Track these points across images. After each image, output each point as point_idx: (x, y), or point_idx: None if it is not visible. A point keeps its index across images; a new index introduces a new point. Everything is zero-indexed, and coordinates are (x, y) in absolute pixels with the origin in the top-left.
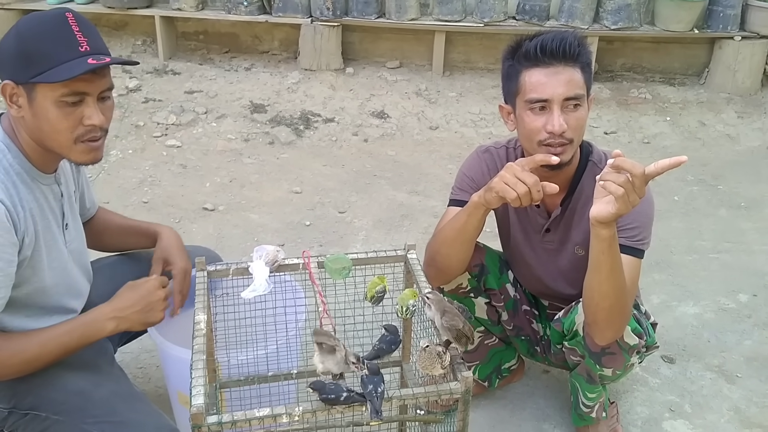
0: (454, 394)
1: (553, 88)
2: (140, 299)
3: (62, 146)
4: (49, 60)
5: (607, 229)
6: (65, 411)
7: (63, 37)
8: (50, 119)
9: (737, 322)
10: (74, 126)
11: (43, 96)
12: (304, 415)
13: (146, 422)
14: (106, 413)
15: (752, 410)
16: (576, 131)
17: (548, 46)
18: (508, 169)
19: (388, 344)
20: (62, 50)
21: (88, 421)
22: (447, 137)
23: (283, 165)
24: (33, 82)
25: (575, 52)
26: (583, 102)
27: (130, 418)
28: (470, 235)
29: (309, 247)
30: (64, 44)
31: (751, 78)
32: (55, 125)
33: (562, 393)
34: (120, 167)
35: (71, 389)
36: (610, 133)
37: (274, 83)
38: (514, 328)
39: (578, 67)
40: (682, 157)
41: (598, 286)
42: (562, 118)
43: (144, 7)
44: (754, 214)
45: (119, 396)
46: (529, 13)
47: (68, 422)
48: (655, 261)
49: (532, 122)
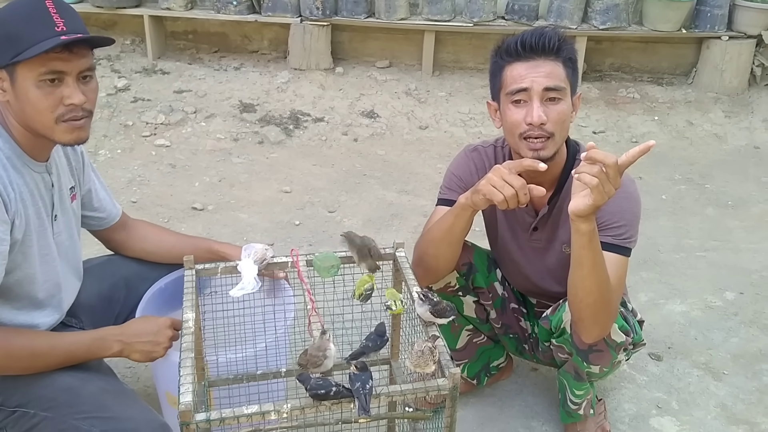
0: (442, 390)
1: (532, 78)
2: (149, 333)
3: (45, 126)
4: (25, 41)
5: (586, 223)
6: (54, 407)
7: (39, 18)
8: (31, 99)
9: (724, 320)
10: (54, 105)
11: (23, 77)
12: (293, 412)
13: (136, 417)
14: (95, 408)
15: (738, 407)
16: (557, 125)
17: (528, 40)
18: (496, 171)
19: (375, 342)
20: (39, 30)
21: (78, 417)
22: (436, 137)
23: (272, 164)
24: (12, 63)
25: (555, 46)
26: (564, 96)
27: (119, 412)
28: (457, 236)
29: (298, 247)
30: (41, 24)
31: (738, 78)
32: (36, 105)
33: (551, 390)
34: (108, 167)
35: (59, 386)
36: (598, 132)
37: (263, 83)
38: (502, 326)
39: (560, 62)
40: (650, 141)
41: (581, 282)
42: (541, 110)
43: (133, 6)
44: (741, 213)
45: (108, 392)
46: (518, 12)
47: (57, 418)
48: (643, 259)
49: (513, 115)
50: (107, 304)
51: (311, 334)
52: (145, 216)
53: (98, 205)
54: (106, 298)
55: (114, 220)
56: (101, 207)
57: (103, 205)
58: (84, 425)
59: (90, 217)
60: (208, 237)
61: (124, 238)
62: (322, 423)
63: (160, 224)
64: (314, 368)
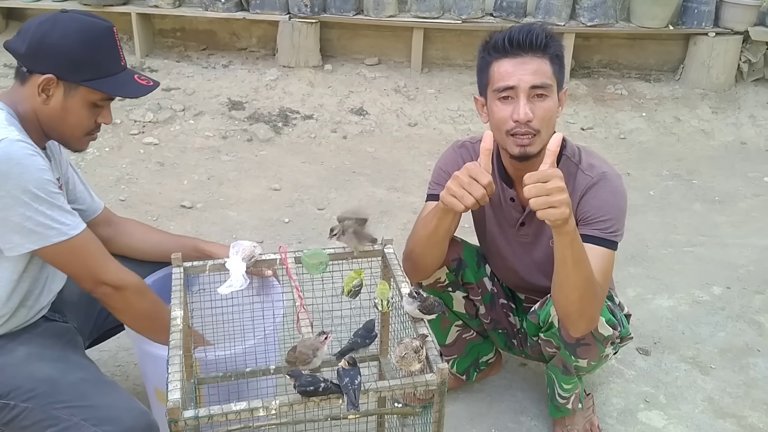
0: (430, 386)
1: (519, 76)
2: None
3: (74, 137)
4: (99, 69)
5: (566, 225)
6: (34, 398)
7: (111, 51)
8: (79, 115)
9: (711, 314)
10: (92, 123)
11: (83, 97)
12: (281, 409)
13: (116, 405)
14: (75, 398)
15: (726, 400)
16: (543, 122)
17: (515, 37)
18: (455, 179)
19: (363, 338)
20: (111, 63)
21: (57, 407)
22: (425, 134)
23: (261, 162)
24: (85, 85)
25: (542, 42)
26: (551, 93)
27: (99, 401)
28: (441, 237)
29: (288, 244)
30: (112, 57)
31: (725, 74)
32: (80, 121)
33: (539, 385)
34: (96, 165)
35: (39, 377)
36: (587, 129)
37: (252, 80)
38: (491, 321)
39: (546, 59)
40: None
41: (566, 280)
42: (528, 107)
43: (120, 4)
44: (728, 208)
45: (88, 382)
46: (506, 9)
47: (37, 409)
48: (631, 255)
49: (499, 111)
50: (90, 301)
51: (300, 331)
52: (133, 214)
53: (75, 197)
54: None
55: (95, 213)
56: (80, 199)
57: (81, 197)
58: (64, 414)
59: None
60: (198, 235)
61: (110, 234)
62: (311, 419)
63: (148, 223)
64: (303, 366)
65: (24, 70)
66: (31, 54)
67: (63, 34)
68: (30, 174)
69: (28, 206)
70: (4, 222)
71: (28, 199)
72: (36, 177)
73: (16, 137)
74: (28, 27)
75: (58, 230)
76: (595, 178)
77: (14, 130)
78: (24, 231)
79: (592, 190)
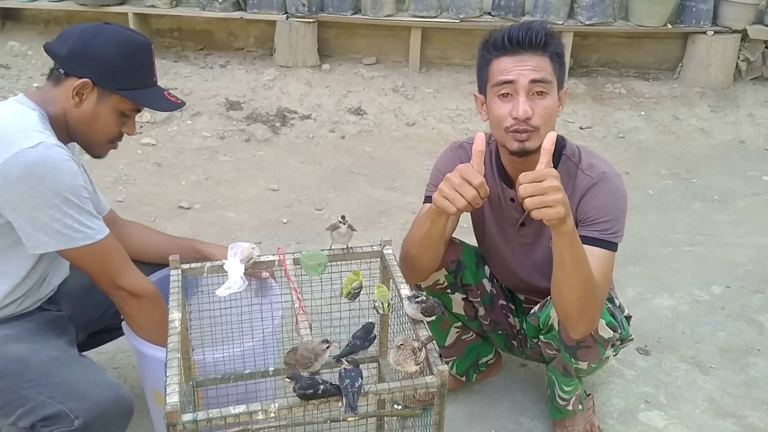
0: (430, 388)
1: (519, 71)
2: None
3: (98, 143)
4: (133, 81)
5: (564, 225)
6: (3, 378)
7: (147, 65)
8: (108, 122)
9: (711, 314)
10: (117, 132)
11: (114, 105)
12: (280, 412)
13: (82, 380)
14: (41, 376)
15: (726, 400)
16: (542, 119)
17: (515, 35)
18: (447, 180)
19: (362, 340)
20: (145, 77)
21: (25, 386)
22: (424, 133)
23: (259, 162)
24: (119, 93)
25: (542, 40)
26: (550, 90)
27: (65, 378)
28: (435, 239)
29: (286, 245)
30: (147, 72)
31: (723, 72)
32: (108, 128)
33: (539, 386)
34: (94, 166)
35: (10, 356)
36: (585, 128)
37: (249, 80)
38: (491, 322)
39: (546, 57)
40: (552, 132)
41: (565, 281)
42: (527, 104)
43: (117, 4)
44: (727, 207)
45: (58, 360)
46: (504, 8)
47: (6, 389)
48: (630, 254)
49: (499, 108)
50: (88, 294)
51: (299, 332)
52: (131, 215)
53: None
54: (87, 288)
55: (102, 215)
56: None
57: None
58: (31, 393)
59: None
60: (196, 236)
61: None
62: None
63: (146, 224)
64: (303, 369)
65: (60, 72)
66: (72, 57)
67: (105, 42)
68: (64, 178)
69: (58, 209)
70: (32, 220)
71: (59, 202)
72: (70, 182)
73: (54, 142)
74: (71, 32)
75: (84, 234)
76: (595, 178)
77: (51, 135)
78: (51, 231)
79: (592, 191)
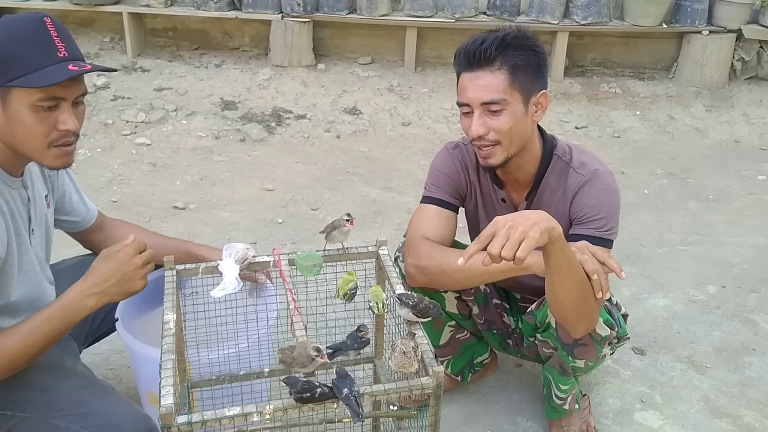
0: (426, 389)
1: (470, 93)
2: (116, 271)
3: (35, 151)
4: (27, 64)
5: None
6: (31, 408)
7: (41, 42)
8: (25, 123)
9: (706, 314)
10: (49, 131)
11: (19, 100)
12: (276, 413)
13: (114, 410)
14: (72, 405)
15: (721, 400)
16: (500, 134)
17: (469, 50)
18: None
19: (354, 340)
20: (41, 55)
21: (56, 415)
22: (419, 133)
23: (254, 162)
24: (10, 85)
25: (491, 55)
26: (506, 106)
27: (97, 407)
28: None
29: (281, 245)
30: (43, 49)
31: (718, 72)
32: (30, 130)
33: (535, 386)
34: (88, 166)
35: (35, 386)
36: (581, 127)
37: (244, 80)
38: (485, 321)
39: (504, 71)
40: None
41: (560, 286)
42: (479, 123)
43: (112, 3)
44: (723, 207)
45: (85, 388)
46: (499, 8)
47: (35, 418)
48: (626, 254)
49: (463, 123)
50: None
51: (294, 333)
52: (126, 216)
53: (71, 209)
54: None
55: (89, 223)
56: (75, 211)
57: (76, 209)
58: (63, 423)
59: (64, 221)
60: (191, 236)
61: (101, 239)
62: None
63: (141, 224)
64: (299, 368)
65: None
66: None
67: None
68: None
69: None
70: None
71: None
72: None
73: None
74: None
75: None
76: (587, 176)
77: None
78: None
79: (584, 189)
